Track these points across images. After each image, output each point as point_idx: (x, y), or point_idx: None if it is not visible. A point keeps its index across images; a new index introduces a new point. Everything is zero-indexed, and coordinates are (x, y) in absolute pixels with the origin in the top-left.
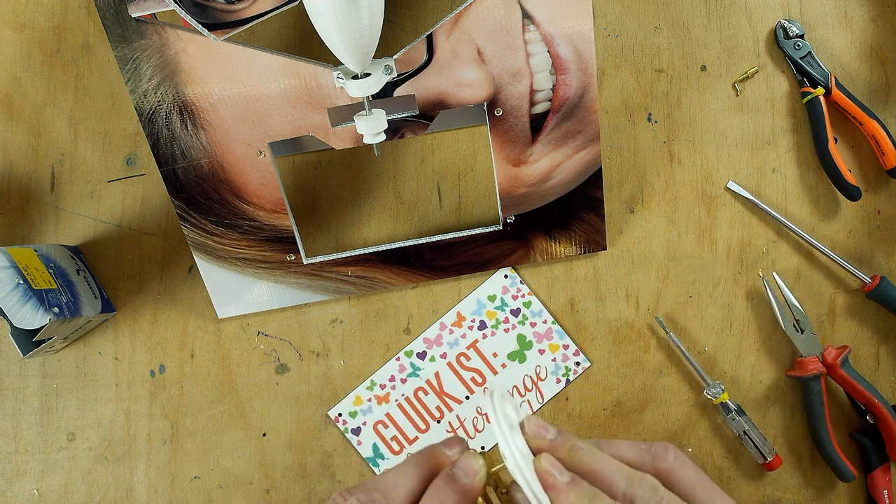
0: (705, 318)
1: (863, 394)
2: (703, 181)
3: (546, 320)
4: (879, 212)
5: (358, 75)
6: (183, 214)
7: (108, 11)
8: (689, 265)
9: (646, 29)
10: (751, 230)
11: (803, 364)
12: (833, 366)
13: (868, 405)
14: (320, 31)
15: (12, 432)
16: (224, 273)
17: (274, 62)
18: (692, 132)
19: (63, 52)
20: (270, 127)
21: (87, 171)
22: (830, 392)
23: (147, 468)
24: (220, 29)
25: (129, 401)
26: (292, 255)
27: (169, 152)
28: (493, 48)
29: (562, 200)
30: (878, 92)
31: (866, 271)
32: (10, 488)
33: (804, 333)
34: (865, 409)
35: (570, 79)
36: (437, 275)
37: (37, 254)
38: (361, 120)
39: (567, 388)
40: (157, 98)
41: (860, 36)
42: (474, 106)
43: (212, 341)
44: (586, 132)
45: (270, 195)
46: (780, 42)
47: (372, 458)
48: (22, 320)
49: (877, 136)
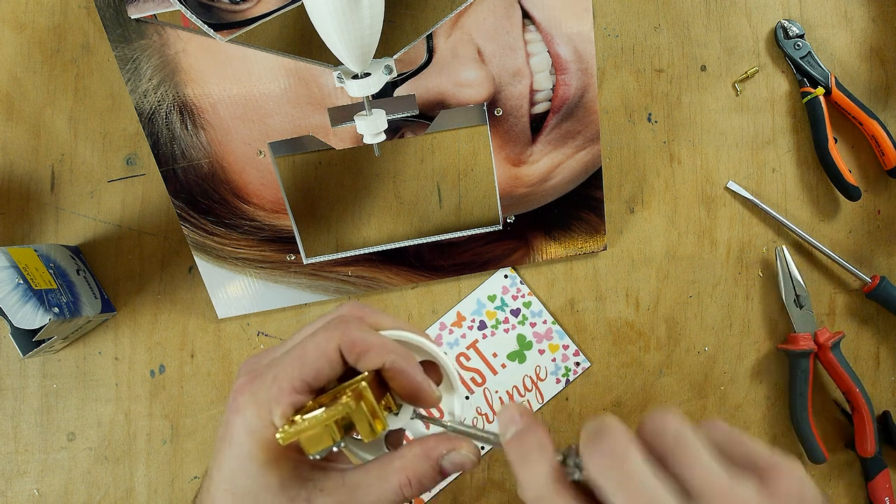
0: (705, 318)
1: (845, 381)
2: (703, 181)
3: (546, 320)
4: (879, 212)
5: (358, 75)
6: (183, 214)
7: (108, 11)
8: (689, 265)
9: (646, 29)
10: (751, 230)
11: (796, 339)
12: (824, 346)
13: (848, 394)
14: (320, 31)
15: (12, 432)
16: (224, 273)
17: (274, 62)
18: (692, 132)
19: (63, 52)
20: (270, 127)
21: (87, 171)
22: (819, 381)
23: (147, 468)
24: (225, 29)
25: (129, 401)
26: (292, 255)
27: (169, 152)
28: (493, 48)
29: (562, 200)
30: (878, 92)
31: (866, 271)
32: (10, 488)
33: (802, 310)
34: (845, 397)
35: (570, 79)
36: (436, 275)
37: (37, 254)
38: (361, 120)
39: (567, 388)
40: (157, 98)
41: (860, 36)
42: (474, 106)
43: (212, 341)
44: (586, 132)
45: (270, 195)
46: (780, 42)
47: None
48: (22, 320)
49: (877, 136)
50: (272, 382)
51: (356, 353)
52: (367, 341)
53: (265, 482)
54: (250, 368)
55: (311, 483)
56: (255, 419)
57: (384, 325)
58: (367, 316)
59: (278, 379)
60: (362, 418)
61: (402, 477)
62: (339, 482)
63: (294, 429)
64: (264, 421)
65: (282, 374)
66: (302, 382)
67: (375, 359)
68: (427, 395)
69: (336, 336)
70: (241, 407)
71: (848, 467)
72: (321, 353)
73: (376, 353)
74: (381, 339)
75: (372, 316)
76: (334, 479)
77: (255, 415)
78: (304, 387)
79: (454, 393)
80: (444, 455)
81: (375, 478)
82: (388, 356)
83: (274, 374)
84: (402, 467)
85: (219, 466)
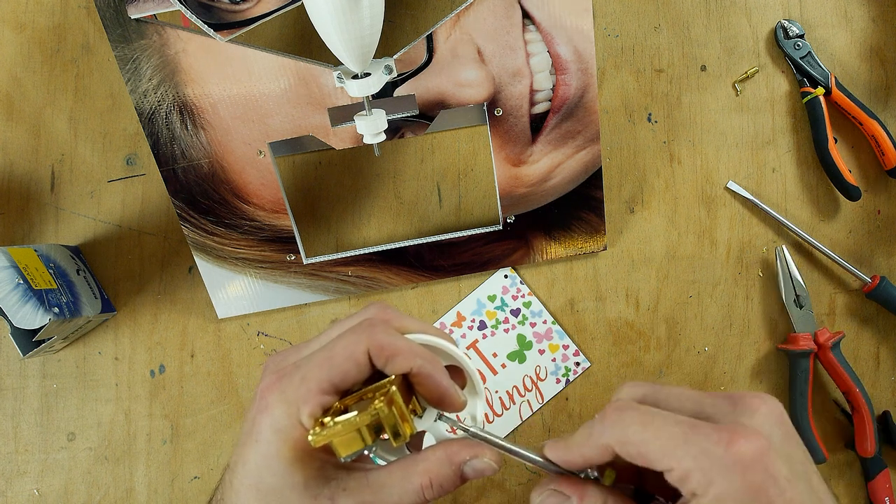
0: (705, 318)
1: (845, 381)
2: (703, 181)
3: (546, 320)
4: (879, 212)
5: (358, 75)
6: (183, 214)
7: (108, 11)
8: (689, 265)
9: (646, 29)
10: (751, 230)
11: (796, 339)
12: (824, 346)
13: (848, 394)
14: (320, 31)
15: (12, 432)
16: (224, 273)
17: (274, 62)
18: (692, 132)
19: (63, 52)
20: (270, 127)
21: (87, 171)
22: (819, 381)
23: (147, 468)
24: (225, 29)
25: (129, 401)
26: (292, 255)
27: (169, 152)
28: (493, 48)
29: (562, 200)
30: (878, 92)
31: (866, 271)
32: (10, 488)
33: (802, 310)
34: (845, 397)
35: (570, 79)
36: (437, 275)
37: (37, 254)
38: (361, 120)
39: (567, 388)
40: (157, 98)
41: (860, 36)
42: (474, 106)
43: (212, 341)
44: (586, 132)
45: (270, 195)
46: (780, 42)
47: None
48: (22, 320)
49: (877, 136)
50: (301, 383)
51: (385, 357)
52: (395, 346)
53: (291, 481)
54: (277, 367)
55: (334, 482)
56: (283, 418)
57: (411, 328)
58: (393, 319)
59: (307, 380)
60: (393, 422)
61: (425, 479)
62: (363, 482)
63: (327, 432)
64: (292, 420)
65: (310, 374)
66: (330, 384)
67: (403, 363)
68: (453, 399)
69: (364, 339)
70: (270, 405)
71: (848, 467)
72: (349, 356)
73: (404, 357)
74: (408, 343)
75: (399, 319)
76: (357, 479)
77: (283, 413)
78: (331, 388)
79: (477, 397)
80: (467, 461)
81: (398, 478)
82: (416, 361)
83: (302, 375)
84: (425, 470)
85: (244, 462)
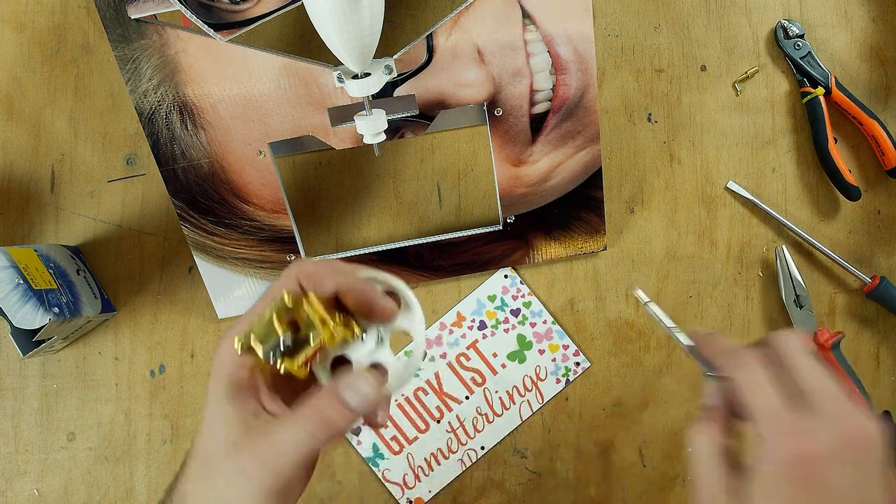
0: (705, 318)
1: (845, 381)
2: (703, 181)
3: (546, 320)
4: (879, 212)
5: (358, 75)
6: (183, 214)
7: (108, 11)
8: (689, 265)
9: (646, 29)
10: (751, 230)
11: None
12: (824, 347)
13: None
14: (320, 31)
15: (12, 432)
16: (224, 273)
17: (274, 62)
18: (692, 132)
19: (63, 52)
20: (270, 127)
21: (87, 171)
22: None
23: (147, 468)
24: (225, 29)
25: (129, 401)
26: (292, 255)
27: (169, 152)
28: (493, 48)
29: (562, 200)
30: (878, 92)
31: (866, 271)
32: (10, 488)
33: (802, 310)
34: None
35: (570, 79)
36: (437, 275)
37: (37, 254)
38: (361, 120)
39: (567, 388)
40: (157, 98)
41: (860, 36)
42: (474, 106)
43: (212, 341)
44: (586, 132)
45: (270, 195)
46: (780, 42)
47: (372, 458)
48: (22, 320)
49: (877, 136)
50: (243, 319)
51: (313, 281)
52: (320, 270)
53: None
54: None
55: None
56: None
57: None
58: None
59: (248, 314)
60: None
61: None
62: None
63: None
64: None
65: (252, 311)
66: None
67: (330, 281)
68: (381, 306)
69: (293, 271)
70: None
71: None
72: (282, 286)
73: (330, 276)
74: (332, 266)
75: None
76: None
77: (225, 350)
78: None
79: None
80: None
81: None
82: (339, 277)
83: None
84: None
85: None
